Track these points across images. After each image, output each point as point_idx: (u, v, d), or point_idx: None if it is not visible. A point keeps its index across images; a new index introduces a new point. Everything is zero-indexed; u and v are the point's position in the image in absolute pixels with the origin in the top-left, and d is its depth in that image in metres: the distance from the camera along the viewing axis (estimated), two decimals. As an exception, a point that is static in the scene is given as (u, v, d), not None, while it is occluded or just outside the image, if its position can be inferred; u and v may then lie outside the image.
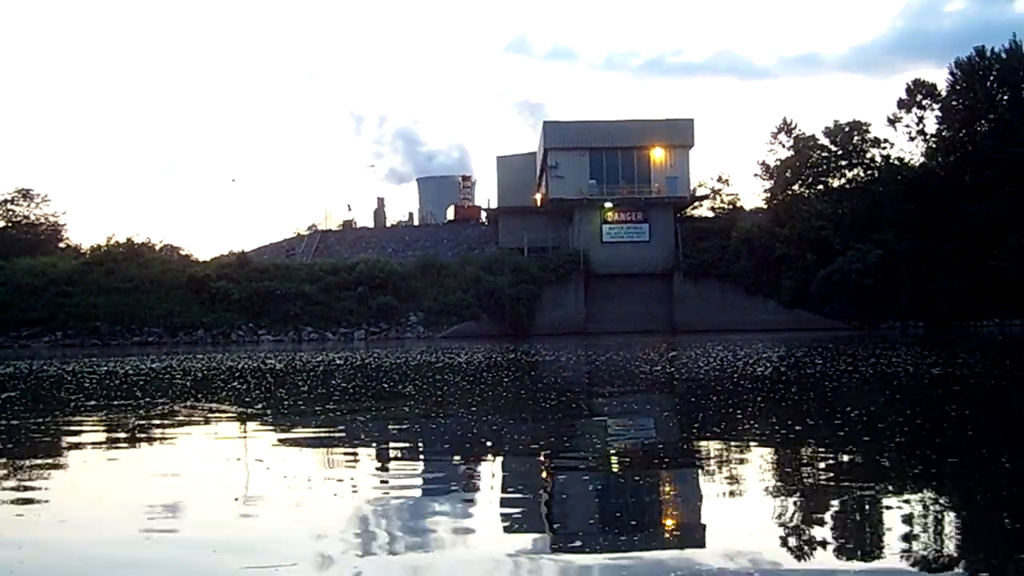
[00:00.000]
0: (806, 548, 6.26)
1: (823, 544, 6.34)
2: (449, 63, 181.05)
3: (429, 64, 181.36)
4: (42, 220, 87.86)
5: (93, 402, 17.70)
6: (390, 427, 13.36)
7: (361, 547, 6.43)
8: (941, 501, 7.73)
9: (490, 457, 10.76)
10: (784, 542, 6.43)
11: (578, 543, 6.46)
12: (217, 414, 15.31)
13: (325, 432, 12.99)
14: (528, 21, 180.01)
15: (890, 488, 8.20)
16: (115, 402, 17.55)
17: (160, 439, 12.67)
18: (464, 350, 39.34)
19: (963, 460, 9.66)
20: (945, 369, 21.73)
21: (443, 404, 16.30)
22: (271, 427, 13.89)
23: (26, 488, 9.18)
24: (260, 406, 16.49)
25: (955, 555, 6.07)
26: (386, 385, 21.00)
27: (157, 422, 14.27)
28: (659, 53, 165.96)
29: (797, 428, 12.21)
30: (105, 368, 29.28)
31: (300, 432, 13.25)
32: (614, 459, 10.31)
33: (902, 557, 5.89)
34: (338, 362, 30.96)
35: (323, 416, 14.83)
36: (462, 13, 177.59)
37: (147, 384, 22.23)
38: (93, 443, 12.23)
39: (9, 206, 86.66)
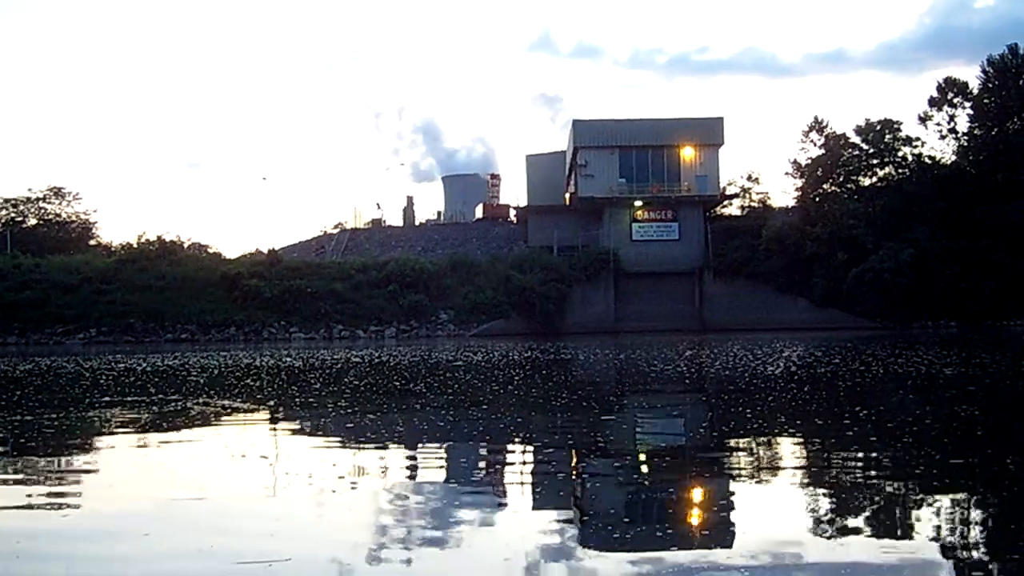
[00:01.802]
0: (799, 547, 6.30)
1: (819, 540, 6.44)
2: (473, 60, 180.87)
3: (452, 61, 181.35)
4: (73, 218, 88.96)
5: (107, 398, 17.96)
6: (396, 425, 13.46)
7: (355, 543, 6.51)
8: (937, 502, 7.74)
9: (492, 453, 10.87)
10: (781, 540, 6.49)
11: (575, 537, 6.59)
12: (227, 411, 15.47)
13: (331, 429, 13.15)
14: (553, 18, 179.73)
15: (889, 489, 8.26)
16: (128, 398, 17.83)
17: (167, 435, 12.81)
18: (485, 348, 39.50)
19: (967, 461, 9.66)
20: (958, 369, 21.62)
21: (452, 402, 16.40)
22: (278, 424, 14.07)
23: (34, 480, 9.41)
24: (271, 403, 16.71)
25: (950, 556, 6.09)
26: (397, 383, 21.12)
27: (167, 418, 14.45)
28: (684, 50, 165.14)
29: (804, 428, 12.26)
30: (123, 365, 29.59)
31: (307, 429, 13.41)
32: (614, 457, 10.40)
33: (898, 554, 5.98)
34: (355, 360, 31.08)
35: (332, 414, 14.99)
36: (487, 10, 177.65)
37: (162, 381, 22.44)
38: (101, 438, 12.44)
39: (41, 204, 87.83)
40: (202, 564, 6.04)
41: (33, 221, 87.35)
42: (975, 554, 6.18)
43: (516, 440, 11.83)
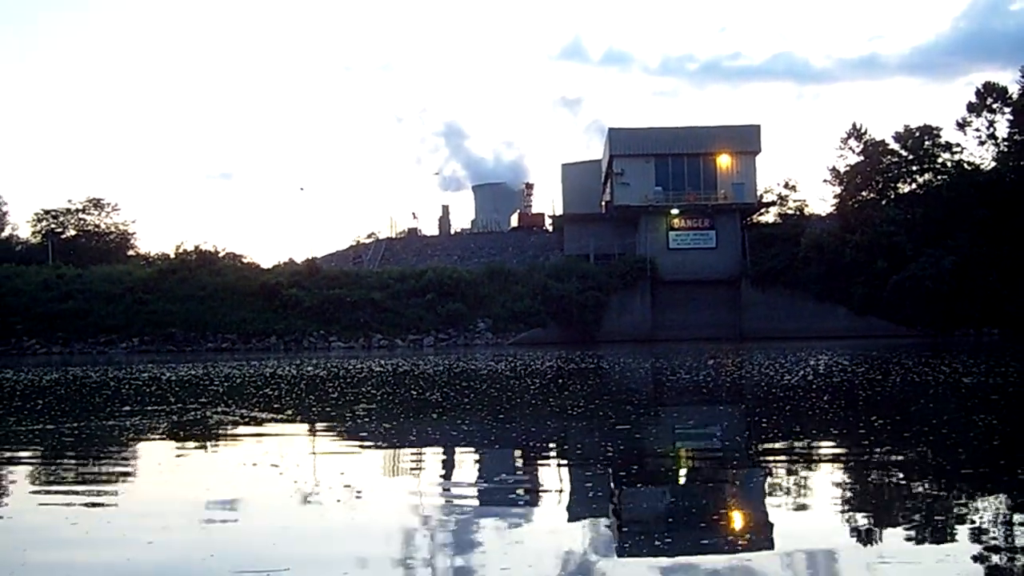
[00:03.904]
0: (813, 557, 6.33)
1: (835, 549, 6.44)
2: (503, 69, 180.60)
3: (482, 70, 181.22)
4: (112, 229, 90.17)
5: (127, 408, 18.20)
6: (409, 435, 13.52)
7: (356, 553, 6.54)
8: (942, 512, 7.70)
9: (503, 461, 10.98)
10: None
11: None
12: (244, 420, 15.63)
13: (343, 439, 13.30)
14: (583, 25, 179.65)
15: (895, 499, 8.27)
16: (149, 408, 18.06)
17: (181, 444, 13.05)
18: (515, 357, 39.59)
19: (977, 471, 9.62)
20: (978, 378, 21.38)
21: (468, 411, 16.48)
22: (292, 433, 14.20)
23: (45, 487, 9.64)
24: (288, 413, 16.83)
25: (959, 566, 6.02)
26: (414, 392, 21.21)
27: (183, 427, 14.68)
28: (715, 56, 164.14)
29: (819, 437, 12.25)
30: (147, 375, 29.90)
31: (318, 438, 13.56)
32: (624, 465, 10.42)
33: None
34: (377, 370, 31.14)
35: (347, 423, 15.15)
36: (516, 18, 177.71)
37: (183, 391, 22.70)
38: (118, 447, 12.64)
39: (81, 215, 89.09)
40: (199, 574, 6.10)
41: (72, 232, 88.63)
42: (981, 565, 6.12)
43: (527, 449, 11.86)
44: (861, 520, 7.42)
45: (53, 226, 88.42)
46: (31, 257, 78.36)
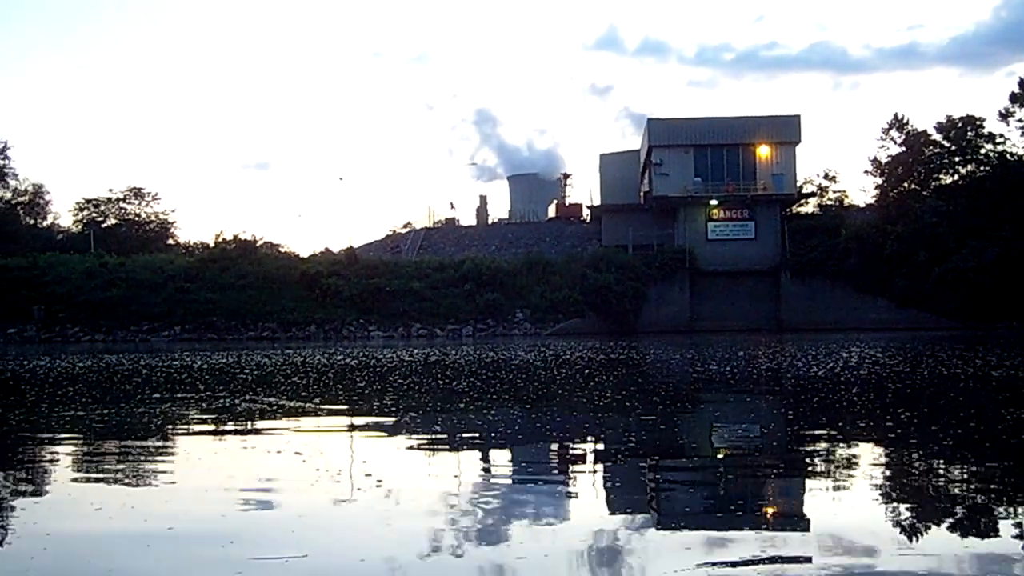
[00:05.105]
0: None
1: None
2: (539, 59, 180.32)
3: (518, 61, 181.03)
4: (152, 218, 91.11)
5: (157, 395, 18.43)
6: (434, 424, 13.59)
7: (375, 541, 6.57)
8: (968, 506, 7.66)
9: (525, 452, 11.03)
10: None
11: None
12: (272, 408, 15.73)
13: (367, 427, 13.39)
14: (619, 15, 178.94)
15: (922, 492, 8.21)
16: (178, 395, 18.27)
17: (207, 430, 13.17)
18: (547, 347, 39.62)
19: (1003, 464, 9.56)
20: (1008, 372, 21.14)
21: (494, 402, 16.53)
22: (317, 421, 14.25)
23: (72, 473, 9.83)
24: (315, 401, 16.93)
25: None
26: (441, 382, 21.29)
27: (211, 414, 14.82)
28: (752, 46, 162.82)
29: (846, 430, 12.21)
30: (179, 363, 30.21)
31: (343, 426, 13.63)
32: (648, 456, 10.46)
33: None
34: (407, 359, 31.20)
35: (374, 412, 15.26)
36: (553, 8, 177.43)
37: (213, 379, 22.94)
38: (145, 434, 12.80)
39: (121, 204, 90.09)
40: (217, 560, 6.12)
41: (113, 221, 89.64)
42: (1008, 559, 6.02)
43: (549, 439, 11.91)
44: (890, 514, 7.36)
45: (94, 215, 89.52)
46: (72, 245, 79.40)
